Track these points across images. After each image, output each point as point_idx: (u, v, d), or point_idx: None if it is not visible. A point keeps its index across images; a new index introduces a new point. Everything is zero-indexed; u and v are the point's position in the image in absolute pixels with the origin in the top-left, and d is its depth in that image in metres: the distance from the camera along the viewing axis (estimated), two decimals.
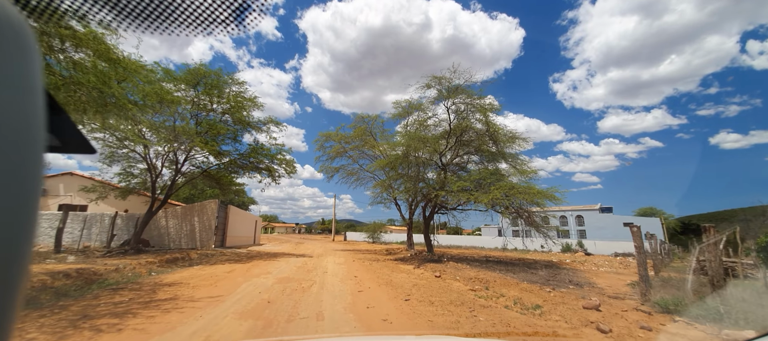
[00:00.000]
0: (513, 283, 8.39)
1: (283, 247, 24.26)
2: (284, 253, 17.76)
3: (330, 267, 11.69)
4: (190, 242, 16.64)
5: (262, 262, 12.50)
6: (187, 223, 16.80)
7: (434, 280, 9.00)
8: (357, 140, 20.68)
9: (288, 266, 11.51)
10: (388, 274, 10.01)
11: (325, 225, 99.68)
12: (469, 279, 9.01)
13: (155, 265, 10.26)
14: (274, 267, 10.91)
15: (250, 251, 17.91)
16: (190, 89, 13.63)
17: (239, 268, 10.40)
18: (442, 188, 13.17)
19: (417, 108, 18.01)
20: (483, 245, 37.44)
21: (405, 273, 10.31)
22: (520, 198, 10.62)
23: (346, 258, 15.41)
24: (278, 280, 8.29)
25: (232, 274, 9.05)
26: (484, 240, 39.42)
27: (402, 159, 14.28)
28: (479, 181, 11.99)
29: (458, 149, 15.26)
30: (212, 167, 16.59)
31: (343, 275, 9.55)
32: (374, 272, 10.45)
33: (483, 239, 39.85)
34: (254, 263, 12.10)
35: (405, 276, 9.80)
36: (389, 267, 12.16)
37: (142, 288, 6.76)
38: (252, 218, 27.98)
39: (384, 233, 42.26)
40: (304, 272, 10.01)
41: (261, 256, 15.17)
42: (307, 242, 34.43)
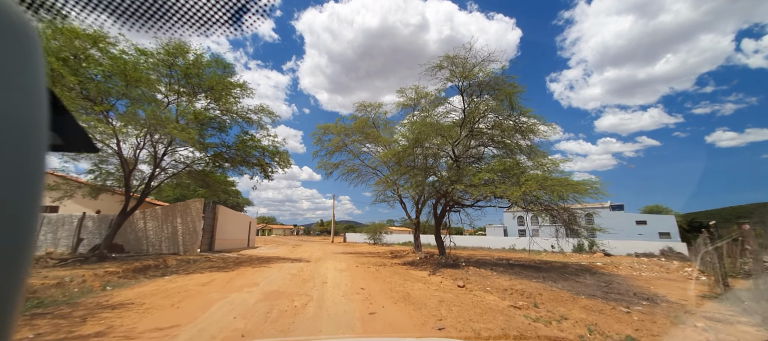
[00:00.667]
0: (565, 297, 6.59)
1: (278, 250, 22.40)
2: (278, 257, 15.91)
3: (330, 274, 9.87)
4: (171, 246, 14.78)
5: (251, 270, 10.66)
6: (168, 225, 14.93)
7: (461, 292, 7.20)
8: (358, 133, 18.86)
9: (280, 274, 9.68)
10: (401, 284, 8.20)
11: (324, 226, 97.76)
12: (503, 291, 7.21)
13: (117, 276, 8.40)
14: (263, 276, 9.08)
15: (241, 256, 16.05)
16: (166, 69, 11.79)
17: (220, 278, 8.56)
18: (458, 181, 11.39)
19: (424, 96, 16.27)
20: (489, 246, 35.66)
21: (421, 283, 8.50)
22: (559, 191, 8.86)
23: (348, 263, 13.60)
24: (264, 295, 6.47)
25: (207, 288, 7.22)
26: (490, 241, 37.62)
27: (411, 150, 12.47)
28: (505, 172, 10.21)
29: (472, 139, 13.47)
30: (197, 162, 14.77)
31: (347, 286, 7.73)
32: (384, 281, 8.65)
33: (488, 240, 38.05)
34: (241, 271, 10.26)
35: (422, 286, 8.00)
36: (400, 273, 10.35)
37: (74, 313, 4.92)
38: (245, 219, 26.11)
39: (385, 234, 40.44)
40: (299, 282, 8.19)
41: (251, 262, 13.32)
42: (305, 245, 32.56)
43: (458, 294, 6.97)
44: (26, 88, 0.38)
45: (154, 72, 11.69)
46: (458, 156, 13.39)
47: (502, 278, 9.05)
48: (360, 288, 7.53)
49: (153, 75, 11.49)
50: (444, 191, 12.62)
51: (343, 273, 10.31)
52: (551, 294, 6.88)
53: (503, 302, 6.30)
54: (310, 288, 7.36)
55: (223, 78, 12.89)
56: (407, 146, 12.54)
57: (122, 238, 14.18)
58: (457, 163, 13.12)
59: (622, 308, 5.72)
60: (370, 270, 11.28)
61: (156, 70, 11.74)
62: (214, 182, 17.28)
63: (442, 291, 7.40)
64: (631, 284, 8.58)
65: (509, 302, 6.27)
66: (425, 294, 6.96)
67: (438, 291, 7.30)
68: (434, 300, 6.28)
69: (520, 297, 6.62)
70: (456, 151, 13.48)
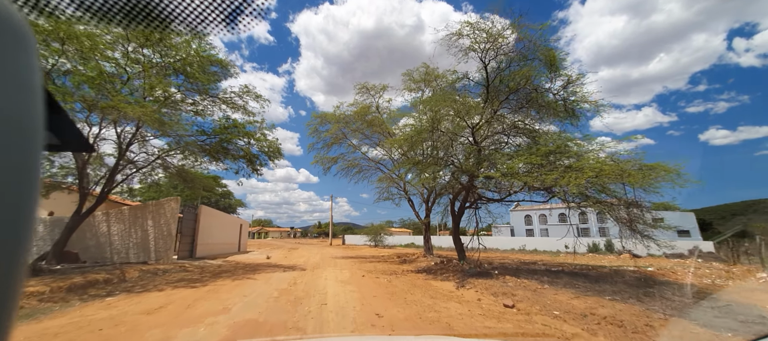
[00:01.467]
0: (700, 333, 4.40)
1: (273, 255, 20.09)
2: (270, 264, 13.64)
3: (331, 289, 7.63)
4: (141, 253, 12.47)
5: (229, 284, 8.39)
6: (137, 229, 12.63)
7: (521, 320, 5.00)
8: (359, 121, 16.62)
9: (266, 290, 7.43)
10: (429, 304, 6.00)
11: (322, 229, 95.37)
12: (581, 318, 5.02)
13: (39, 298, 6.11)
14: (242, 295, 6.83)
15: (226, 264, 13.76)
16: (125, 40, 9.53)
17: (180, 300, 6.29)
18: (488, 168, 9.21)
19: (436, 78, 14.11)
20: (496, 247, 33.50)
21: (455, 302, 6.30)
22: (638, 178, 6.70)
23: (352, 271, 11.36)
24: (231, 332, 4.24)
25: (152, 317, 4.96)
26: (497, 241, 35.43)
27: (427, 133, 10.25)
28: (555, 155, 8.02)
29: (495, 122, 11.27)
30: (170, 154, 12.48)
31: (356, 310, 5.51)
32: (405, 300, 6.43)
33: (495, 240, 35.84)
34: (215, 286, 7.99)
35: (460, 309, 5.80)
36: (420, 286, 8.14)
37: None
38: (235, 221, 23.77)
39: (387, 236, 38.19)
40: (289, 305, 5.95)
41: (235, 271, 11.04)
42: (301, 248, 30.22)
43: (520, 324, 4.77)
44: (21, 87, 0.38)
45: (113, 43, 9.44)
46: (479, 141, 11.19)
47: (561, 293, 6.85)
48: (375, 313, 5.30)
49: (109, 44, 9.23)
50: (468, 184, 10.43)
51: (347, 286, 8.07)
52: (659, 321, 4.69)
53: (595, 338, 4.10)
54: (303, 316, 5.12)
55: (198, 52, 10.65)
56: (422, 129, 10.31)
57: (80, 244, 11.86)
58: (478, 149, 10.93)
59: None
60: (381, 281, 9.05)
61: (114, 43, 9.49)
62: (195, 179, 15.02)
63: (491, 316, 5.19)
64: (740, 299, 6.42)
65: (607, 337, 4.07)
66: (472, 323, 4.75)
67: (487, 318, 5.09)
68: (496, 337, 4.07)
69: (615, 327, 4.42)
70: (476, 136, 11.30)
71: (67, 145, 0.61)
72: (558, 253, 27.60)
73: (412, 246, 39.06)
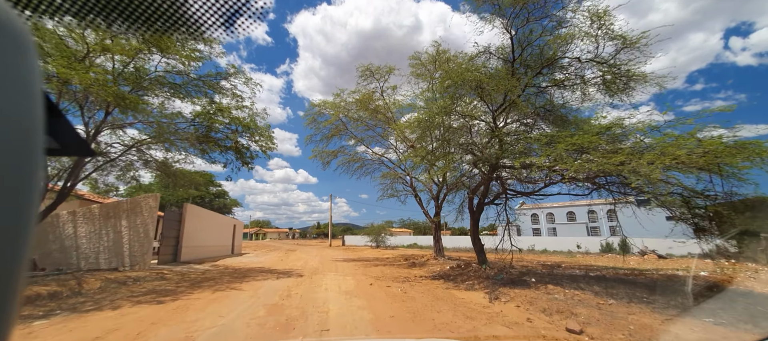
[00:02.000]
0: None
1: (267, 258, 18.49)
2: (262, 269, 12.04)
3: (334, 304, 6.05)
4: (113, 258, 10.85)
5: (208, 296, 6.79)
6: (109, 230, 11.01)
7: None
8: (362, 110, 15.00)
9: (251, 307, 5.85)
10: (467, 329, 4.43)
11: (321, 229, 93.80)
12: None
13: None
14: (218, 314, 5.24)
15: (213, 269, 12.15)
16: None
17: (131, 324, 4.69)
18: (517, 156, 7.64)
19: (448, 60, 12.53)
20: (504, 248, 32.02)
21: (500, 324, 4.72)
22: (728, 161, 5.15)
23: (357, 277, 9.78)
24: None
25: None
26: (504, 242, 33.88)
27: (442, 115, 8.65)
28: (606, 135, 6.47)
29: (521, 104, 9.69)
30: (146, 143, 10.88)
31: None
32: (432, 322, 4.85)
33: (495, 241, 34.20)
34: (188, 301, 6.39)
35: (508, 333, 4.24)
36: (443, 298, 6.56)
37: None
38: (228, 222, 22.14)
39: (388, 236, 36.58)
40: (278, 331, 4.37)
41: (220, 279, 9.45)
42: (300, 249, 28.57)
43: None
44: (21, 91, 0.38)
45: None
46: (501, 126, 9.61)
47: (635, 311, 5.28)
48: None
49: None
50: (490, 176, 8.87)
51: (354, 300, 6.48)
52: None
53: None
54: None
55: None
56: (438, 110, 8.71)
57: (40, 249, 10.23)
58: (498, 135, 9.35)
59: None
60: (393, 291, 7.47)
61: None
62: (179, 175, 13.42)
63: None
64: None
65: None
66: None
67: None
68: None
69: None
70: (498, 120, 9.74)
71: (67, 149, 0.61)
72: (572, 254, 26.12)
73: (416, 247, 37.47)
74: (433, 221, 15.37)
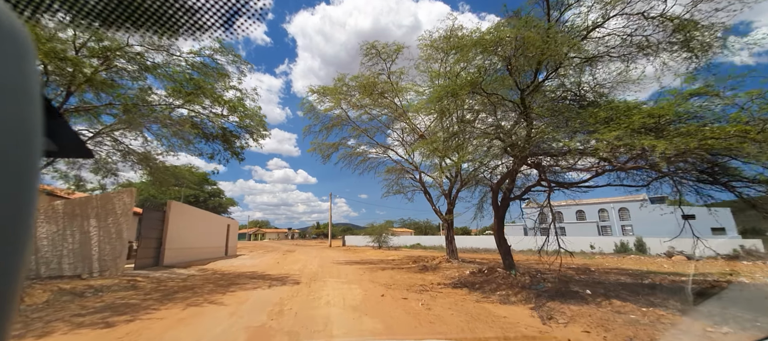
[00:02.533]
0: None
1: (263, 260, 16.98)
2: (254, 275, 10.53)
3: (338, 325, 4.57)
4: (80, 263, 9.34)
5: (176, 315, 5.29)
6: (75, 230, 9.49)
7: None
8: (367, 96, 13.44)
9: (229, 329, 4.36)
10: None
11: (321, 229, 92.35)
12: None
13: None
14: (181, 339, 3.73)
15: (199, 274, 10.64)
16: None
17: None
18: (552, 140, 6.15)
19: (460, 41, 11.01)
20: (513, 248, 30.48)
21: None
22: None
23: (364, 284, 8.29)
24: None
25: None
26: (512, 241, 32.31)
27: (468, 88, 7.15)
28: None
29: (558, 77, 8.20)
30: (118, 128, 9.37)
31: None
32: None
33: (510, 240, 32.63)
34: (146, 322, 4.88)
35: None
36: (479, 317, 5.06)
37: None
38: (220, 221, 20.61)
39: (391, 236, 35.05)
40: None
41: (202, 288, 7.95)
42: (299, 250, 27.03)
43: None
44: (20, 93, 0.38)
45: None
46: (531, 106, 8.11)
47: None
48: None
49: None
50: (529, 163, 7.38)
51: (364, 319, 4.98)
52: None
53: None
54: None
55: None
56: (465, 82, 7.19)
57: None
58: (525, 114, 7.84)
59: None
60: (411, 304, 5.97)
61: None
62: (161, 169, 11.95)
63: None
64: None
65: None
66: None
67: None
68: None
69: None
70: (527, 99, 8.23)
71: (65, 151, 0.60)
72: (587, 255, 24.67)
73: (419, 247, 35.96)
74: (445, 219, 13.88)
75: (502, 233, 9.18)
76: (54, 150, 0.58)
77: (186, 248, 14.51)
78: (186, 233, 14.49)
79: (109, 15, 0.86)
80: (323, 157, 16.31)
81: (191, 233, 15.13)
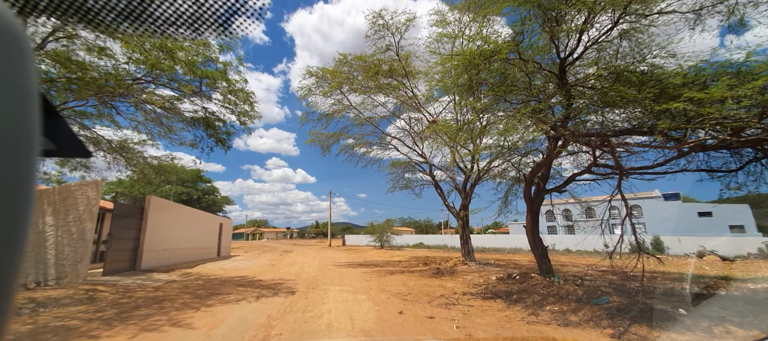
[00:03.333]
0: None
1: (257, 262, 15.48)
2: (244, 281, 9.02)
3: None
4: (34, 269, 7.82)
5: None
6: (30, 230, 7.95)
7: None
8: (371, 79, 11.89)
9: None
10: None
11: (320, 228, 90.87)
12: None
13: None
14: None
15: (179, 281, 9.13)
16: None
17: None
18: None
19: None
20: (520, 247, 29.03)
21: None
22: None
23: (373, 293, 6.79)
24: None
25: None
26: (517, 240, 30.88)
27: (510, 47, 5.64)
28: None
29: None
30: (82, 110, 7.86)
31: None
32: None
33: (515, 239, 31.26)
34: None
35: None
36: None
37: None
38: (212, 220, 19.08)
39: (394, 236, 33.56)
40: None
41: (174, 300, 6.45)
42: (297, 250, 25.49)
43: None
44: (18, 92, 0.37)
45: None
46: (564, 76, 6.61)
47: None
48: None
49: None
50: (598, 143, 5.87)
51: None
52: None
53: None
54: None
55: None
56: (507, 45, 5.66)
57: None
58: (562, 81, 6.34)
59: None
60: (442, 326, 4.48)
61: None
62: (138, 161, 10.47)
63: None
64: None
65: None
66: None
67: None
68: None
69: None
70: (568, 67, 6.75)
71: (64, 150, 0.60)
72: (607, 256, 23.19)
73: (423, 247, 34.51)
74: (460, 216, 12.38)
75: (537, 232, 7.69)
76: (52, 150, 0.57)
77: (170, 250, 12.99)
78: (170, 233, 12.96)
79: (108, 14, 0.85)
80: (322, 149, 14.80)
81: (176, 232, 13.61)
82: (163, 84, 6.98)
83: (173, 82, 6.87)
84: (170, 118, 8.93)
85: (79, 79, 6.03)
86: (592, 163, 6.67)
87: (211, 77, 6.98)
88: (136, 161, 11.24)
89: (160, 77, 6.77)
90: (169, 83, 6.89)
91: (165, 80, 6.84)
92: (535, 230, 7.71)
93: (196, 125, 8.98)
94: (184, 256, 14.43)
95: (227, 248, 21.60)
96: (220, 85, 7.41)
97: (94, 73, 6.14)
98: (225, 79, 7.41)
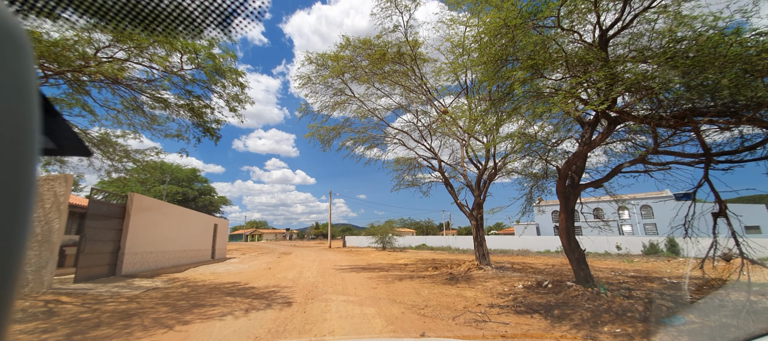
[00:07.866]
0: None
1: (252, 265, 14.41)
2: (234, 288, 7.95)
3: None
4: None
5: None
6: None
7: None
8: (376, 66, 10.83)
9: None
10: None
11: (320, 229, 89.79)
12: None
13: None
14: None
15: (163, 287, 8.06)
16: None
17: None
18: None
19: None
20: (528, 249, 27.98)
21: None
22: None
23: (382, 305, 5.73)
24: None
25: None
26: (525, 242, 29.82)
27: None
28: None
29: None
30: None
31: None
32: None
33: (522, 241, 30.21)
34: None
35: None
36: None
37: None
38: (205, 220, 17.98)
39: (396, 237, 32.47)
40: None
41: (144, 316, 5.38)
42: (296, 252, 24.38)
43: None
44: (17, 91, 0.37)
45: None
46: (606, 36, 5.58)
47: None
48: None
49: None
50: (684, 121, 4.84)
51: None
52: None
53: None
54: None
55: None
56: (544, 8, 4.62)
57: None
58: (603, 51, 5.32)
59: None
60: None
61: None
62: (119, 155, 9.44)
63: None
64: None
65: None
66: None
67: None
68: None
69: None
70: None
71: (64, 149, 0.59)
72: (629, 258, 22.22)
73: (426, 248, 33.46)
74: (473, 216, 11.30)
75: (573, 233, 6.62)
76: (52, 148, 0.57)
77: (156, 252, 11.91)
78: (157, 234, 11.88)
79: (106, 13, 0.85)
80: (323, 144, 13.75)
81: (164, 233, 12.53)
82: (135, 55, 5.90)
83: (145, 53, 5.80)
84: (153, 106, 7.88)
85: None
86: (652, 148, 5.62)
87: (193, 50, 5.93)
88: (117, 157, 10.18)
89: (131, 50, 5.70)
90: (140, 54, 5.81)
91: (135, 52, 5.77)
92: (569, 231, 6.64)
93: (179, 112, 7.94)
94: (173, 259, 13.35)
95: (223, 251, 20.51)
96: (205, 62, 6.36)
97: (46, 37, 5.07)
98: (209, 56, 6.35)
